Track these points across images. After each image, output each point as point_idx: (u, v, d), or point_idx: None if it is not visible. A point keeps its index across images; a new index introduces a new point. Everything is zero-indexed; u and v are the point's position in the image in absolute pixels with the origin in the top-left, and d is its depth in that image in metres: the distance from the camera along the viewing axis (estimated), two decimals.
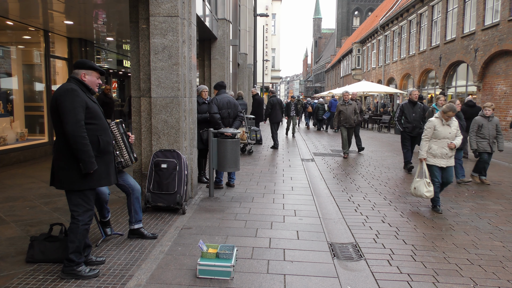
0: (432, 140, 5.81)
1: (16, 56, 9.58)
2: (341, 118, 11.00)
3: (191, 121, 6.03)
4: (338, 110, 11.09)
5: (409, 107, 8.92)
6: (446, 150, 5.73)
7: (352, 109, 10.89)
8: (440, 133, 5.74)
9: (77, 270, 3.36)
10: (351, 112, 10.91)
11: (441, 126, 5.75)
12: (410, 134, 8.89)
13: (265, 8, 35.72)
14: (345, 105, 11.03)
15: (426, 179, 5.73)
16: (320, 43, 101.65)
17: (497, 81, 16.10)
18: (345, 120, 10.95)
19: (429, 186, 5.69)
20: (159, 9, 5.42)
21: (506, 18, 15.12)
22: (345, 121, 10.96)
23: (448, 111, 5.65)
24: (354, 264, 3.91)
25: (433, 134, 5.78)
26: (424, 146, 5.82)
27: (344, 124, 11.01)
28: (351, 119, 10.90)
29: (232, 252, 3.58)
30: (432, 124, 5.81)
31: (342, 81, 50.10)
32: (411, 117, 8.86)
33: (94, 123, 3.34)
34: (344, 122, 11.01)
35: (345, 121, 10.98)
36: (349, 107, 10.92)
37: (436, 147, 5.76)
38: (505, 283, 3.58)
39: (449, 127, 5.78)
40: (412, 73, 25.27)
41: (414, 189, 5.86)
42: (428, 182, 5.69)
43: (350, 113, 10.89)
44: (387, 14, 32.09)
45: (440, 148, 5.74)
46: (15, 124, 9.35)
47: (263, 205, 5.86)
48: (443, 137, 5.74)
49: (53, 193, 6.12)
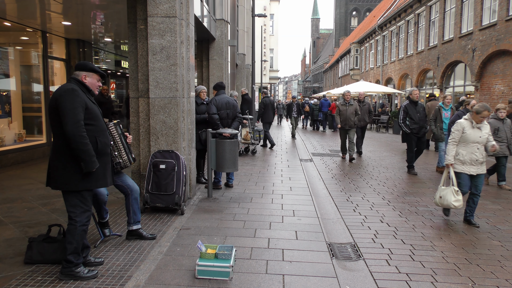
0: (460, 144, 5.21)
1: (14, 57, 9.56)
2: (340, 119, 10.55)
3: (190, 122, 6.03)
4: (337, 110, 10.65)
5: (411, 107, 8.62)
6: (476, 155, 5.12)
7: (353, 110, 10.43)
8: (470, 137, 5.13)
9: (76, 271, 3.35)
10: (351, 113, 10.42)
11: (470, 129, 5.16)
12: (417, 135, 8.56)
13: (263, 9, 35.72)
14: (345, 106, 10.51)
15: (454, 187, 5.15)
16: (318, 43, 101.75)
17: (495, 81, 16.13)
18: (344, 121, 10.48)
19: (458, 194, 5.12)
20: (157, 9, 5.42)
21: (503, 18, 15.16)
22: (344, 122, 10.49)
23: (483, 111, 5.02)
24: (352, 264, 3.91)
25: (462, 137, 5.18)
26: (451, 151, 5.22)
27: (343, 125, 10.54)
28: (351, 120, 10.42)
29: (231, 253, 3.58)
30: (460, 127, 5.20)
31: (340, 81, 50.15)
32: (416, 117, 8.54)
33: (93, 124, 3.34)
34: (343, 124, 10.53)
35: (344, 122, 10.50)
36: (349, 108, 10.43)
37: (464, 152, 5.15)
38: (503, 282, 3.58)
39: (480, 130, 5.17)
40: (410, 73, 25.31)
41: (440, 198, 5.27)
42: (456, 191, 5.12)
43: (350, 114, 10.40)
44: (385, 14, 32.15)
45: (469, 153, 5.13)
46: (13, 125, 9.33)
47: (262, 205, 5.87)
48: (472, 141, 5.13)
49: (51, 194, 6.11)
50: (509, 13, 14.95)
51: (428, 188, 7.34)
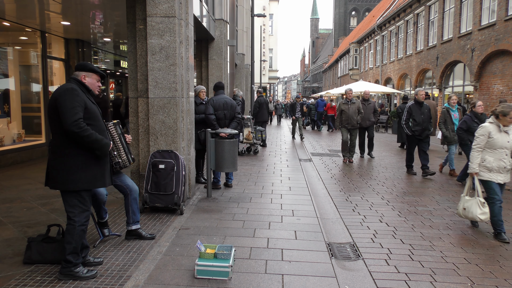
0: (485, 150, 4.81)
1: (13, 57, 9.55)
2: (343, 118, 10.09)
3: (189, 122, 6.03)
4: (339, 109, 10.18)
5: (416, 108, 8.28)
6: (504, 162, 4.75)
7: (355, 109, 9.95)
8: (497, 142, 4.73)
9: (75, 271, 3.35)
10: (354, 112, 9.96)
11: (497, 133, 4.76)
12: (419, 137, 8.24)
13: (263, 9, 35.71)
14: (347, 104, 10.04)
15: (480, 198, 4.78)
16: (317, 43, 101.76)
17: (494, 81, 16.15)
18: (347, 120, 10.02)
19: (484, 206, 4.76)
20: (156, 9, 5.42)
21: (502, 18, 15.18)
22: (347, 121, 10.02)
23: (510, 111, 4.64)
24: (352, 263, 3.92)
25: (487, 143, 4.78)
26: (476, 158, 4.81)
27: (346, 125, 10.06)
28: (353, 120, 9.96)
29: (230, 252, 3.58)
30: (485, 131, 4.79)
31: (340, 81, 50.16)
32: (419, 118, 8.21)
33: (92, 124, 3.34)
34: (345, 123, 10.06)
35: (346, 122, 10.04)
36: (351, 106, 9.96)
37: (492, 159, 4.75)
38: (502, 282, 3.59)
39: (508, 134, 4.78)
40: (409, 73, 25.33)
41: (464, 210, 4.93)
42: (482, 202, 4.77)
43: (352, 113, 9.94)
44: (384, 14, 32.16)
45: (497, 160, 4.74)
46: (12, 125, 9.32)
47: (261, 205, 5.87)
48: (500, 146, 4.73)
49: (51, 194, 6.11)
50: (508, 13, 14.96)
51: (427, 188, 7.35)
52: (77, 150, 3.29)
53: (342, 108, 10.08)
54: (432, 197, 6.62)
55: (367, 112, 10.57)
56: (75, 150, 3.29)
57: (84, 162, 3.32)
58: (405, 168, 8.99)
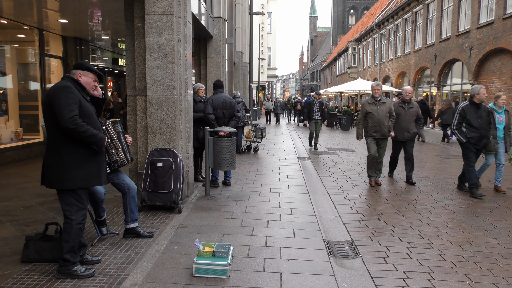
0: None
1: (10, 55, 9.52)
2: (368, 123, 7.21)
3: (187, 120, 6.02)
4: (363, 111, 7.32)
5: (471, 110, 6.59)
6: None
7: (386, 111, 7.16)
8: None
9: (73, 270, 3.34)
10: (384, 115, 7.12)
11: None
12: (476, 146, 6.58)
13: (261, 7, 35.66)
14: (375, 104, 7.19)
15: None
16: (316, 41, 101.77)
17: (492, 79, 16.18)
18: (374, 127, 7.14)
19: None
20: (154, 7, 5.40)
21: (500, 16, 15.19)
22: (374, 128, 7.15)
23: None
24: (350, 262, 3.92)
25: None
26: None
27: (373, 133, 7.19)
28: (384, 126, 7.12)
29: (228, 251, 3.58)
30: None
31: (338, 79, 50.17)
32: (476, 123, 6.53)
33: (87, 122, 3.32)
34: (372, 130, 7.19)
35: (374, 129, 7.16)
36: (381, 107, 7.13)
37: None
38: (500, 279, 3.60)
39: None
40: (408, 71, 25.35)
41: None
42: None
43: (382, 117, 7.10)
44: (382, 13, 32.15)
45: None
46: (10, 123, 9.30)
47: (259, 203, 5.87)
48: None
49: (48, 193, 6.09)
50: (506, 12, 14.98)
51: (425, 186, 7.36)
52: (72, 148, 3.28)
53: (368, 110, 7.24)
54: (430, 195, 6.63)
55: (406, 119, 7.43)
56: (71, 148, 3.28)
57: (80, 160, 3.31)
58: (404, 166, 8.84)
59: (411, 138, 7.51)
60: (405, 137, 7.47)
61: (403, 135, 7.45)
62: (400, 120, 7.42)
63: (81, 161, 3.32)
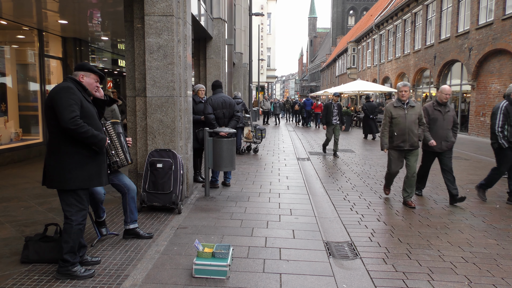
0: None
1: (10, 55, 9.52)
2: (394, 131, 6.00)
3: (187, 121, 6.03)
4: (388, 115, 6.09)
5: None
6: None
7: (416, 117, 5.97)
8: None
9: (72, 271, 3.35)
10: (413, 121, 5.93)
11: None
12: None
13: (260, 8, 35.72)
14: (402, 108, 5.99)
15: None
16: (315, 42, 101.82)
17: (491, 80, 16.20)
18: (402, 136, 5.95)
19: None
20: (154, 8, 5.41)
21: (500, 17, 15.21)
22: (402, 137, 5.95)
23: None
24: (349, 262, 3.92)
25: None
26: None
27: (400, 143, 5.97)
28: (414, 135, 5.94)
29: (228, 252, 3.58)
30: None
31: (338, 80, 50.20)
32: None
33: (88, 123, 3.33)
34: (399, 140, 5.97)
35: (401, 138, 5.96)
36: (409, 112, 5.95)
37: None
38: (499, 280, 3.60)
39: None
40: (407, 72, 25.38)
41: None
42: None
43: (411, 123, 5.91)
44: (382, 13, 32.19)
45: None
46: (9, 124, 9.29)
47: (259, 204, 5.87)
48: None
49: (48, 193, 6.09)
50: (505, 12, 15.01)
51: (425, 187, 7.35)
52: (73, 148, 3.29)
53: (393, 114, 6.03)
54: (430, 196, 6.64)
55: (444, 125, 6.14)
56: (72, 148, 3.28)
57: (81, 161, 3.32)
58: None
59: (450, 148, 6.20)
60: (443, 148, 6.14)
61: (440, 145, 6.14)
62: (437, 127, 6.13)
63: (82, 161, 3.33)
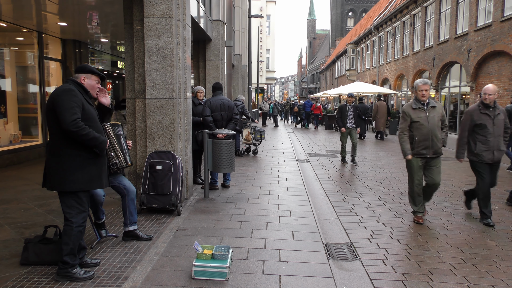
0: None
1: (9, 57, 9.52)
2: (415, 137, 5.13)
3: (186, 122, 6.03)
4: (406, 119, 5.20)
5: None
6: None
7: (438, 118, 5.15)
8: None
9: (72, 272, 3.35)
10: (436, 124, 5.11)
11: None
12: None
13: (260, 10, 35.77)
14: (422, 109, 5.14)
15: None
16: (314, 44, 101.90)
17: (490, 82, 16.22)
18: (424, 141, 5.09)
19: None
20: (154, 10, 5.42)
21: (498, 19, 15.25)
22: (424, 143, 5.09)
23: None
24: (349, 264, 3.92)
25: None
26: None
27: (422, 150, 5.11)
28: (437, 140, 5.10)
29: (227, 253, 3.59)
30: None
31: (337, 81, 50.25)
32: None
33: (89, 125, 3.34)
34: (421, 147, 5.11)
35: (423, 145, 5.10)
36: (431, 114, 5.11)
37: None
38: (499, 281, 3.61)
39: None
40: (406, 74, 25.41)
41: None
42: None
43: (434, 126, 5.08)
44: (381, 15, 32.25)
45: None
46: (9, 126, 9.29)
47: (259, 206, 5.87)
48: None
49: (47, 195, 6.09)
50: (504, 14, 15.04)
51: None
52: (74, 150, 3.29)
53: (413, 118, 5.15)
54: None
55: (495, 131, 5.17)
56: (73, 150, 3.29)
57: (81, 163, 3.32)
58: (402, 168, 8.88)
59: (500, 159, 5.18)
60: (495, 158, 5.14)
61: (491, 155, 5.09)
62: (487, 133, 5.13)
63: (83, 163, 3.33)
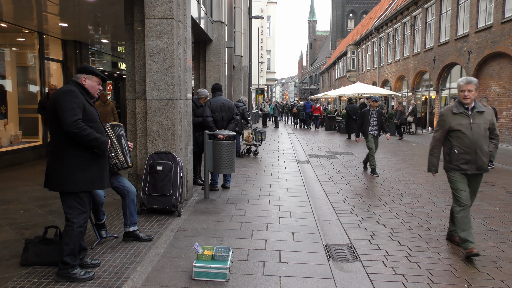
0: None
1: (10, 58, 9.54)
2: (455, 148, 4.26)
3: (187, 123, 6.03)
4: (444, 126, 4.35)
5: None
6: None
7: (486, 126, 4.22)
8: None
9: (72, 273, 3.35)
10: (482, 133, 4.19)
11: None
12: None
13: (260, 10, 35.79)
14: (465, 116, 4.21)
15: None
16: (315, 45, 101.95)
17: (491, 83, 16.22)
18: (467, 153, 4.19)
19: None
20: (154, 11, 5.42)
21: (499, 20, 15.25)
22: (466, 157, 4.20)
23: None
24: (349, 265, 3.92)
25: None
26: None
27: (462, 164, 4.24)
28: (483, 153, 4.19)
29: (227, 254, 3.59)
30: None
31: (337, 83, 50.26)
32: None
33: (90, 126, 3.34)
34: (462, 160, 4.23)
35: (465, 158, 4.21)
36: (476, 121, 4.19)
37: None
38: (499, 283, 3.60)
39: None
40: (407, 75, 25.42)
41: None
42: None
43: (479, 136, 4.17)
44: (381, 16, 32.27)
45: None
46: (9, 127, 9.30)
47: (259, 206, 5.87)
48: None
49: (48, 196, 6.09)
50: (504, 16, 15.05)
51: (424, 189, 7.36)
52: (76, 151, 3.30)
53: (453, 125, 4.27)
54: (430, 199, 6.64)
55: None
56: (74, 151, 3.30)
57: (83, 164, 3.33)
58: (403, 169, 8.92)
59: None
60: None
61: None
62: None
63: (84, 164, 3.34)
